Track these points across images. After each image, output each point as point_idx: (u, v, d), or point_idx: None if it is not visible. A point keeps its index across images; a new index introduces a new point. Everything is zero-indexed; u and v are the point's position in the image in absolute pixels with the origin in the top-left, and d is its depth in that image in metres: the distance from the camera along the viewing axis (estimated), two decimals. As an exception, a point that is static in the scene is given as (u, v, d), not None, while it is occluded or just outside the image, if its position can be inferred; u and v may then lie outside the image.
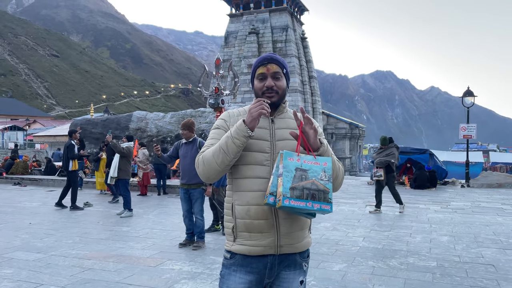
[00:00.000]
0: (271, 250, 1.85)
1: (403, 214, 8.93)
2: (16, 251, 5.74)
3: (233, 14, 35.36)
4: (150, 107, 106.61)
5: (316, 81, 35.22)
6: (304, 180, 1.70)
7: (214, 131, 1.98)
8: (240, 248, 1.87)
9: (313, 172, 1.72)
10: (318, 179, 1.71)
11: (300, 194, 1.68)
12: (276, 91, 1.92)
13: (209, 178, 1.88)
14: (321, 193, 1.70)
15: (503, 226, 7.62)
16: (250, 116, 1.77)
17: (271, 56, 1.96)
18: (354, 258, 5.34)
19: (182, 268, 4.93)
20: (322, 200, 1.70)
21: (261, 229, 1.83)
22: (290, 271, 1.90)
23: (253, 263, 1.87)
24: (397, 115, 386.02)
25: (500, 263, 5.14)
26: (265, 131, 1.89)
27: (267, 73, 1.93)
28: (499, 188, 14.88)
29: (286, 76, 1.98)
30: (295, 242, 1.88)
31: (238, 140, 1.77)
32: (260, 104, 1.79)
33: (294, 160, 1.73)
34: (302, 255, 1.94)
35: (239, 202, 1.87)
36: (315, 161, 1.75)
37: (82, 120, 19.21)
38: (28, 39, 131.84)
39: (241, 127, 1.77)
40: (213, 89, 12.41)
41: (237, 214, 1.87)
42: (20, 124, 48.01)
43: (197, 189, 5.99)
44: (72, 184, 9.92)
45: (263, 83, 1.93)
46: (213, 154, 1.82)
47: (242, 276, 1.87)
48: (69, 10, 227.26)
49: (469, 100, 16.78)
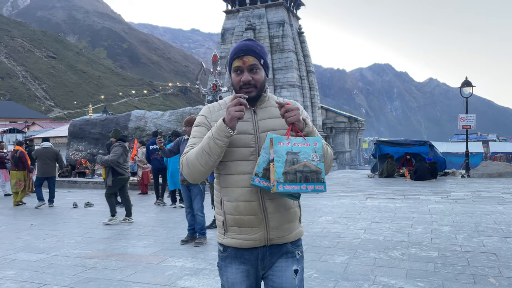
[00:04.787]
0: (261, 243, 1.86)
1: (403, 206, 8.93)
2: (19, 252, 5.74)
3: (229, 10, 35.25)
4: (148, 106, 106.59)
5: (314, 75, 35.16)
6: (296, 163, 1.69)
7: (196, 128, 1.93)
8: (231, 241, 1.88)
9: (304, 154, 1.71)
10: (309, 161, 1.71)
11: (294, 178, 1.68)
12: (254, 85, 1.85)
13: (194, 179, 1.87)
14: (313, 174, 1.70)
15: (504, 215, 7.63)
16: (228, 115, 1.72)
17: (247, 47, 1.86)
18: (356, 250, 5.35)
19: (184, 264, 4.94)
20: (315, 181, 1.70)
21: (250, 224, 1.83)
22: (282, 259, 1.90)
23: (245, 254, 1.88)
24: (396, 108, 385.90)
25: (501, 251, 5.15)
26: (248, 124, 1.85)
27: (243, 67, 1.85)
28: (500, 178, 14.89)
29: (264, 66, 1.90)
30: (285, 234, 1.88)
31: (220, 140, 1.74)
32: (237, 101, 1.72)
33: (285, 144, 1.71)
34: (294, 244, 1.93)
35: (227, 198, 1.86)
36: (305, 142, 1.74)
37: (81, 121, 19.17)
38: (24, 41, 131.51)
39: (221, 127, 1.73)
40: (211, 86, 12.42)
41: (226, 209, 1.87)
42: (19, 127, 48.01)
43: (196, 186, 6.00)
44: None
45: (239, 77, 1.86)
46: (196, 156, 1.79)
47: (237, 267, 1.89)
48: (65, 11, 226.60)
49: (467, 90, 16.77)
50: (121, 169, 7.80)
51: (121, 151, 7.74)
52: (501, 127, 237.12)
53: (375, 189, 12.33)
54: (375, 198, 10.28)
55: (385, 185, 13.49)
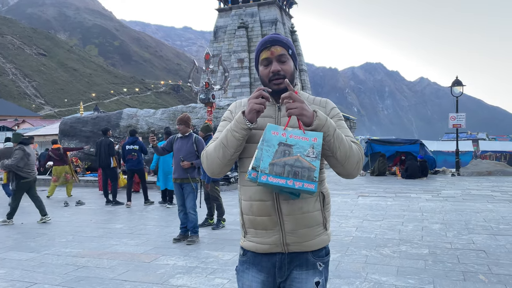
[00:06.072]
0: (277, 248, 1.74)
1: (394, 204, 9.00)
2: (9, 251, 5.69)
3: (221, 8, 35.16)
4: (140, 104, 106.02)
5: (306, 74, 35.25)
6: (287, 156, 1.55)
7: (221, 123, 1.88)
8: (249, 244, 1.81)
9: (299, 147, 1.56)
10: (303, 156, 1.55)
11: (281, 171, 1.54)
12: (283, 75, 1.76)
13: (213, 173, 1.80)
14: (305, 170, 1.54)
15: (493, 212, 7.72)
16: (248, 107, 1.65)
17: (274, 38, 1.79)
18: (348, 248, 5.38)
19: (176, 263, 4.94)
20: (305, 178, 1.53)
21: (264, 226, 1.74)
22: (302, 271, 1.76)
23: (262, 261, 1.79)
24: (387, 107, 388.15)
25: (490, 248, 5.21)
26: (271, 120, 1.75)
27: (272, 57, 1.77)
28: (489, 176, 15.07)
29: (292, 57, 1.81)
30: (303, 240, 1.73)
31: (237, 133, 1.66)
32: (259, 94, 1.64)
33: (279, 134, 1.59)
34: (316, 254, 1.78)
35: (244, 197, 1.80)
36: (304, 136, 1.58)
37: (72, 119, 19.01)
38: (14, 38, 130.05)
39: (240, 119, 1.66)
40: (203, 84, 12.38)
41: (243, 209, 1.81)
42: (9, 125, 47.42)
43: (189, 184, 5.99)
44: (113, 181, 10.29)
45: (268, 69, 1.77)
46: (214, 148, 1.75)
47: (254, 275, 1.80)
48: (55, 8, 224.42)
49: (458, 89, 16.94)
50: (24, 172, 7.73)
51: (21, 154, 7.68)
52: (491, 126, 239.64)
53: (366, 187, 12.41)
54: (366, 196, 10.35)
55: (376, 183, 13.57)
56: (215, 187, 7.10)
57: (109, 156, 10.24)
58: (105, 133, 10.60)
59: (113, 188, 10.20)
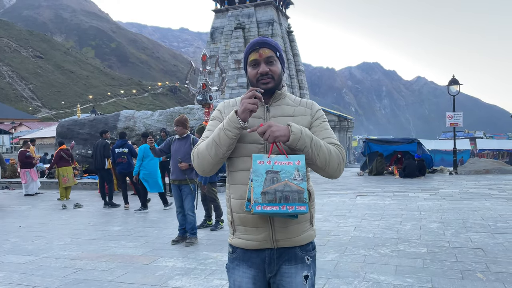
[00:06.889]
0: (267, 244, 1.81)
1: (392, 203, 9.02)
2: (7, 255, 5.68)
3: (218, 9, 35.17)
4: (137, 106, 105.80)
5: (303, 74, 35.27)
6: (276, 183, 1.62)
7: (210, 122, 1.94)
8: (238, 241, 1.86)
9: (285, 172, 1.63)
10: (291, 180, 1.62)
11: (273, 198, 1.60)
12: (271, 76, 1.83)
13: (204, 171, 1.85)
14: (295, 193, 1.62)
15: (491, 210, 7.75)
16: (241, 107, 1.70)
17: (262, 40, 1.86)
18: (346, 247, 5.39)
19: (175, 264, 4.94)
20: (296, 201, 1.61)
21: (255, 224, 1.79)
22: (291, 265, 1.83)
23: (252, 257, 1.84)
24: (385, 106, 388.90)
25: (488, 247, 5.23)
26: (259, 120, 1.81)
27: (260, 59, 1.83)
28: (486, 174, 15.11)
29: (280, 59, 1.88)
30: (292, 236, 1.81)
31: (230, 132, 1.71)
32: (252, 94, 1.71)
33: (265, 162, 1.64)
34: (304, 249, 1.86)
35: (234, 195, 1.84)
36: (287, 161, 1.65)
37: (69, 121, 18.96)
38: (10, 40, 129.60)
39: (233, 118, 1.71)
40: (200, 86, 12.36)
41: (233, 208, 1.85)
42: (5, 128, 47.28)
43: (187, 186, 5.99)
44: (109, 183, 10.27)
45: (256, 70, 1.84)
46: (206, 146, 1.79)
47: (245, 271, 1.86)
48: (52, 10, 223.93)
49: (454, 88, 16.98)
50: None
51: None
52: (488, 125, 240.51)
53: (364, 186, 12.42)
54: (364, 195, 10.36)
55: (374, 182, 13.60)
56: (212, 188, 7.09)
57: (104, 158, 10.21)
58: (103, 135, 10.58)
59: (109, 190, 10.17)
